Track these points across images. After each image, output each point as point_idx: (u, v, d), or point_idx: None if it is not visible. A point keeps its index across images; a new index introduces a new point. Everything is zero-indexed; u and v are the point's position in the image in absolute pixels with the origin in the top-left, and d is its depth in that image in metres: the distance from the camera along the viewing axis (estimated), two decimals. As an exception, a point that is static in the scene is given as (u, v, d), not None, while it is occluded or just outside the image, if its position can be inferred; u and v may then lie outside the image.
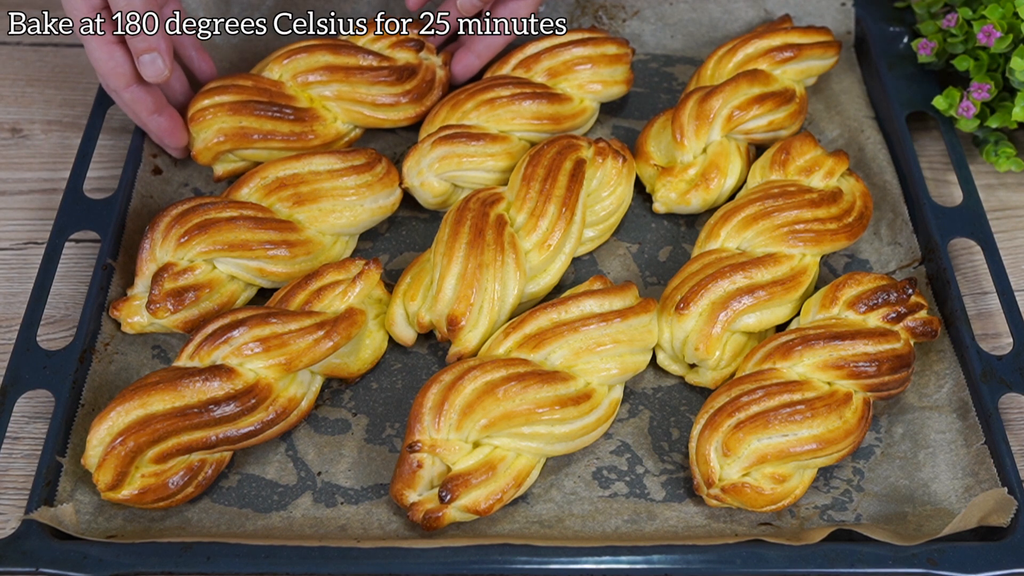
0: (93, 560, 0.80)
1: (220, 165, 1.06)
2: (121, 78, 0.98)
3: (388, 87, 1.06)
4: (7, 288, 1.02)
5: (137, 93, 0.99)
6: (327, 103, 1.06)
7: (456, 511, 0.83)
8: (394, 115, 1.08)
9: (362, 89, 1.06)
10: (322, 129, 1.06)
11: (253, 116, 1.03)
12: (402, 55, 1.08)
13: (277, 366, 0.87)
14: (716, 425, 0.85)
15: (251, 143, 1.03)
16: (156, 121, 1.02)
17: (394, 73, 1.06)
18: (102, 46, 0.96)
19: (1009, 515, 0.83)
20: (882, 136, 1.11)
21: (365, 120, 1.07)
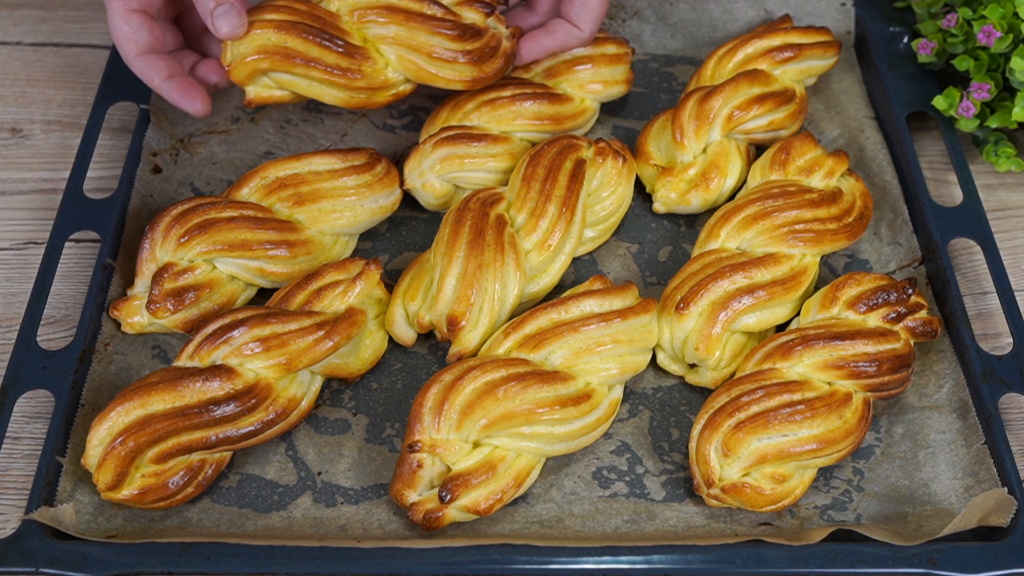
0: (93, 560, 0.80)
1: (254, 87, 0.98)
2: (133, 45, 0.96)
3: (448, 40, 0.98)
4: (7, 288, 1.02)
5: (149, 61, 0.97)
6: (381, 46, 0.98)
7: (456, 511, 0.83)
8: (449, 72, 0.99)
9: (421, 37, 0.98)
10: (370, 71, 0.98)
11: (300, 38, 0.95)
12: (469, 15, 1.00)
13: (277, 366, 0.87)
14: (716, 425, 0.85)
15: (292, 66, 0.96)
16: (169, 86, 0.98)
17: (457, 28, 0.98)
18: (121, 11, 0.96)
19: (1009, 515, 0.83)
20: (882, 136, 1.11)
21: (418, 72, 0.99)
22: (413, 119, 1.15)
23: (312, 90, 0.97)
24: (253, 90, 0.98)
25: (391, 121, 1.14)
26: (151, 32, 0.97)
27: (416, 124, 1.14)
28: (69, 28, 1.25)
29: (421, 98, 1.16)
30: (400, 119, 1.15)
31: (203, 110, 0.98)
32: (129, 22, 0.95)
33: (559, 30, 1.04)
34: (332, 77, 0.96)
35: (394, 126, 1.14)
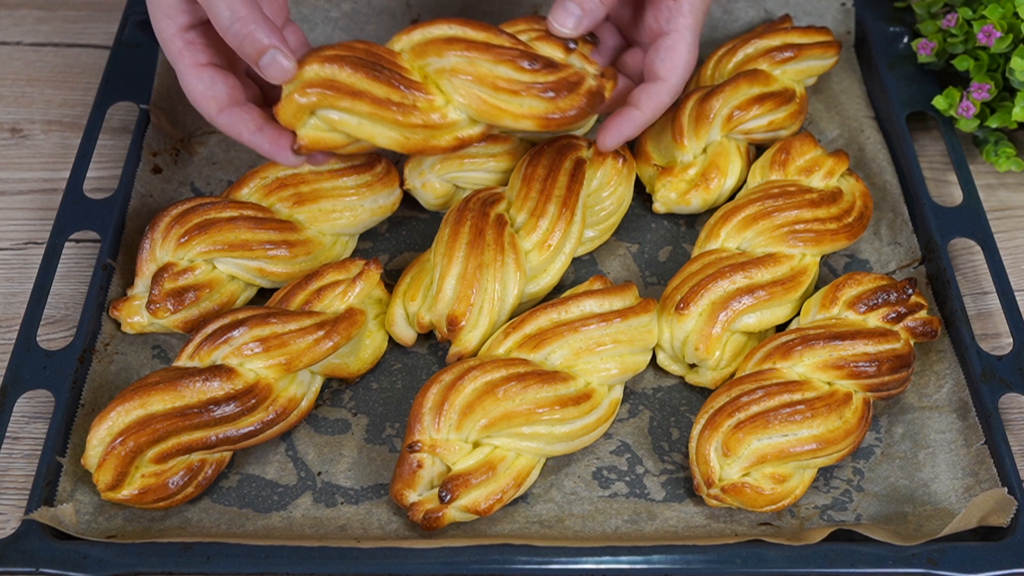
0: (93, 560, 0.80)
1: (304, 130, 0.86)
2: (212, 102, 0.87)
3: (516, 70, 0.84)
4: (7, 288, 1.02)
5: (234, 115, 0.88)
6: (441, 81, 0.85)
7: (456, 511, 0.83)
8: (516, 106, 0.84)
9: (484, 66, 0.84)
10: (427, 106, 0.84)
11: (349, 69, 0.83)
12: (547, 49, 0.88)
13: (277, 366, 0.87)
14: (716, 425, 0.85)
15: (338, 99, 0.83)
16: (260, 138, 0.88)
17: (527, 57, 0.84)
18: (191, 69, 0.87)
19: (1009, 515, 0.83)
20: (882, 136, 1.11)
21: (480, 108, 0.84)
22: (413, 119, 1.15)
23: (363, 129, 0.85)
24: (303, 132, 0.85)
25: (391, 121, 1.14)
26: (227, 83, 0.88)
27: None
28: (69, 28, 1.25)
29: (421, 98, 1.16)
30: (400, 119, 1.15)
31: (297, 160, 0.88)
32: (201, 78, 0.87)
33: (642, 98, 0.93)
34: (383, 111, 0.83)
35: (394, 126, 1.14)
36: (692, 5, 0.92)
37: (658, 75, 0.92)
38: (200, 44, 0.88)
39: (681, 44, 0.92)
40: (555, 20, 0.88)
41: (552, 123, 0.85)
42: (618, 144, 0.93)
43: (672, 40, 0.92)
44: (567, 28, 0.88)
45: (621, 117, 0.92)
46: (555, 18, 0.88)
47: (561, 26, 0.88)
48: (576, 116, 0.85)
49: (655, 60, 0.93)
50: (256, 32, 0.82)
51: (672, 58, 0.92)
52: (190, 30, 0.88)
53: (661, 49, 0.92)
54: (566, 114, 0.85)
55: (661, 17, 0.93)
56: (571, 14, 0.88)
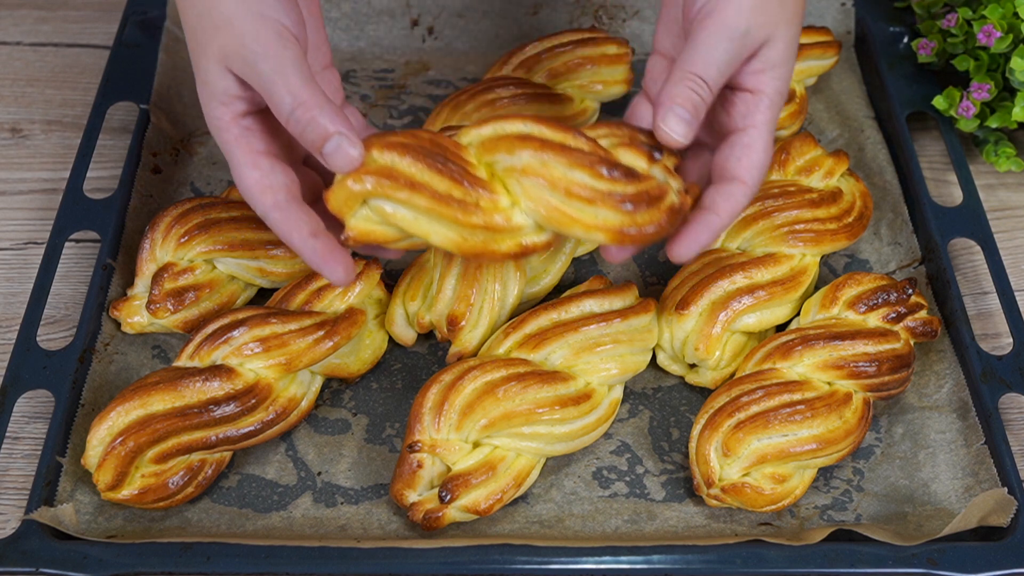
0: (93, 560, 0.80)
1: (354, 219, 0.77)
2: (268, 194, 0.78)
3: (592, 177, 0.75)
4: (7, 288, 1.02)
5: (289, 214, 0.79)
6: (509, 181, 0.76)
7: (456, 511, 0.83)
8: (590, 216, 0.75)
9: (557, 170, 0.75)
10: (490, 206, 0.76)
11: (410, 158, 0.75)
12: (628, 157, 0.78)
13: (277, 366, 0.87)
14: (716, 425, 0.85)
15: (395, 190, 0.75)
16: (312, 246, 0.79)
17: (606, 164, 0.76)
18: (247, 157, 0.79)
19: (1009, 515, 0.82)
20: (882, 136, 1.11)
21: (550, 214, 0.76)
22: (413, 119, 1.15)
23: (418, 225, 0.77)
24: (353, 223, 0.77)
25: (391, 121, 1.15)
26: (286, 175, 0.79)
27: (416, 124, 1.14)
28: (69, 28, 1.25)
29: (421, 98, 1.16)
30: (400, 119, 1.15)
31: (345, 279, 0.80)
32: (259, 166, 0.79)
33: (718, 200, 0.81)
34: (442, 207, 0.75)
35: (394, 126, 1.14)
36: (772, 100, 0.82)
37: (735, 175, 0.81)
38: (257, 132, 0.80)
39: (759, 141, 0.81)
40: (665, 126, 0.78)
41: (627, 238, 0.76)
42: (694, 255, 0.82)
43: (749, 137, 0.81)
44: (678, 135, 0.78)
45: (696, 223, 0.81)
46: (665, 123, 0.78)
47: (671, 131, 0.78)
48: (654, 233, 0.77)
49: (730, 158, 0.81)
50: (320, 117, 0.75)
51: (749, 156, 0.81)
52: (247, 116, 0.80)
53: (737, 146, 0.81)
54: (643, 230, 0.76)
55: (736, 112, 0.82)
56: (682, 119, 0.78)
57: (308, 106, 0.75)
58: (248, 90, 0.79)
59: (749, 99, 0.82)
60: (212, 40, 0.78)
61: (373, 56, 1.21)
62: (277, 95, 0.76)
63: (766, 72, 0.81)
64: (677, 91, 0.77)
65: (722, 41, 0.78)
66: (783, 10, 0.80)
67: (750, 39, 0.79)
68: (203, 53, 0.79)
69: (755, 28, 0.78)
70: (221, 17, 0.77)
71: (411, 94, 1.17)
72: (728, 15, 0.78)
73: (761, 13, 0.78)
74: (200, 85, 0.80)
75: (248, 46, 0.76)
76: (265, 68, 0.76)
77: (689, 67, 0.78)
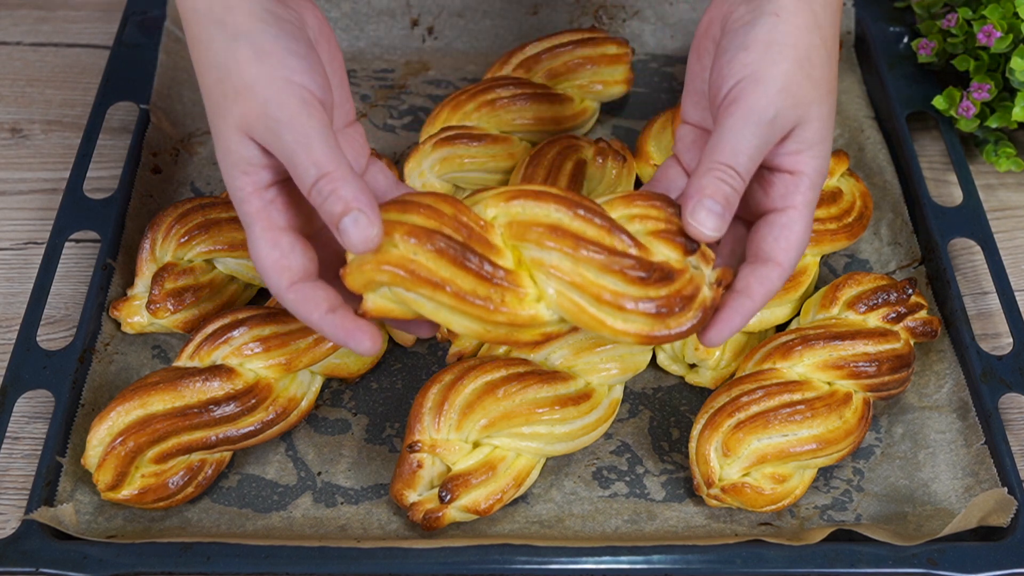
0: (93, 560, 0.80)
1: (372, 297, 0.75)
2: (285, 274, 0.75)
3: (626, 283, 0.73)
4: (7, 288, 1.02)
5: (305, 292, 0.76)
6: (538, 273, 0.74)
7: (456, 511, 0.83)
8: (619, 322, 0.74)
9: (590, 272, 0.73)
10: (516, 304, 0.73)
11: (431, 251, 0.72)
12: (663, 250, 0.75)
13: (277, 366, 0.87)
14: (716, 425, 0.85)
15: (416, 285, 0.73)
16: (331, 322, 0.76)
17: (642, 267, 0.73)
18: (266, 234, 0.75)
19: (1009, 515, 0.82)
20: (882, 136, 1.11)
21: (578, 315, 0.74)
22: (413, 119, 1.15)
23: (439, 315, 0.74)
24: (372, 300, 0.75)
25: (391, 121, 1.15)
26: (305, 254, 0.76)
27: (416, 124, 1.14)
28: (69, 28, 1.25)
29: (421, 98, 1.16)
30: (400, 119, 1.15)
31: (372, 349, 0.76)
32: (278, 245, 0.75)
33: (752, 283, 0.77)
34: (465, 305, 0.73)
35: (394, 126, 1.14)
36: (812, 181, 0.78)
37: (770, 257, 0.77)
38: (279, 204, 0.77)
39: (799, 223, 0.77)
40: (695, 221, 0.74)
41: (655, 340, 0.74)
42: (724, 341, 0.78)
43: (788, 218, 0.77)
44: (709, 230, 0.74)
45: (729, 308, 0.77)
46: (695, 218, 0.74)
47: (702, 226, 0.74)
48: (683, 334, 0.74)
49: (767, 238, 0.77)
50: (342, 189, 0.71)
51: (788, 238, 0.77)
52: (270, 188, 0.76)
53: (775, 226, 0.77)
54: (672, 332, 0.74)
55: (774, 192, 0.78)
56: (712, 213, 0.74)
57: (331, 178, 0.72)
58: (270, 158, 0.75)
59: (788, 180, 0.78)
60: (233, 106, 0.74)
61: (373, 56, 1.21)
62: (301, 166, 0.72)
63: (803, 153, 0.77)
64: (707, 182, 0.74)
65: (750, 127, 0.74)
66: (815, 89, 0.76)
67: (780, 122, 0.75)
68: (223, 119, 0.75)
69: (785, 111, 0.75)
70: (243, 82, 0.73)
71: (411, 94, 1.17)
72: (755, 100, 0.74)
73: (790, 96, 0.75)
74: (220, 152, 0.76)
75: (271, 114, 0.72)
76: (289, 138, 0.72)
77: (718, 157, 0.74)
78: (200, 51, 0.76)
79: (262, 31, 0.74)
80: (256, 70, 0.73)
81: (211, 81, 0.76)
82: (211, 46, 0.75)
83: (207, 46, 0.75)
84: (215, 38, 0.75)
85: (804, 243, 0.78)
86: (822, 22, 0.78)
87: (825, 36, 0.77)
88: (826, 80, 0.77)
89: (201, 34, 0.76)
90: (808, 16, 0.77)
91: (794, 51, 0.76)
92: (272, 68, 0.73)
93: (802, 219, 0.78)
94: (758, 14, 0.77)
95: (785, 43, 0.76)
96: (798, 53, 0.76)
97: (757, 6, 0.77)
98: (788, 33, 0.76)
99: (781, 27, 0.76)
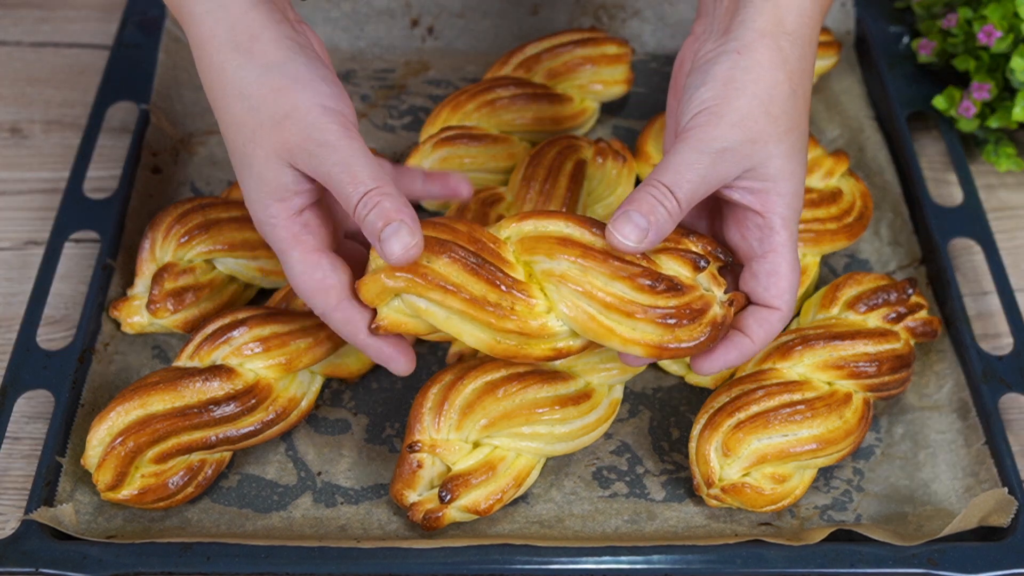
0: (93, 560, 0.80)
1: (386, 309, 0.78)
2: (332, 293, 0.78)
3: (633, 290, 0.74)
4: (7, 288, 1.02)
5: (352, 312, 0.78)
6: (548, 285, 0.76)
7: (456, 511, 0.83)
8: (627, 330, 0.75)
9: (598, 280, 0.75)
10: (525, 312, 0.75)
11: (445, 258, 0.75)
12: (672, 265, 0.77)
13: (277, 366, 0.87)
14: (716, 425, 0.85)
15: (428, 290, 0.75)
16: (377, 341, 0.79)
17: (649, 276, 0.74)
18: (303, 257, 0.78)
19: (1009, 515, 0.83)
20: (882, 136, 1.11)
21: (586, 324, 0.75)
22: (413, 119, 1.15)
23: (451, 324, 0.77)
24: (385, 313, 0.77)
25: (391, 121, 1.15)
26: (345, 272, 0.79)
27: (416, 124, 1.14)
28: (69, 28, 1.25)
29: (421, 98, 1.16)
30: (400, 119, 1.15)
31: (406, 369, 0.81)
32: (320, 267, 0.78)
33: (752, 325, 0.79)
34: (475, 311, 0.75)
35: (394, 126, 1.14)
36: (784, 219, 0.78)
37: (767, 303, 0.79)
38: (313, 227, 0.79)
39: (783, 266, 0.78)
40: (615, 228, 0.74)
41: (666, 352, 0.75)
42: (717, 372, 0.80)
43: (771, 264, 0.78)
44: (627, 239, 0.74)
45: (728, 343, 0.78)
46: (615, 226, 0.74)
47: (619, 234, 0.74)
48: (694, 348, 0.75)
49: (757, 288, 0.79)
50: (385, 202, 0.73)
51: (777, 284, 0.78)
52: (304, 212, 0.78)
53: (761, 275, 0.79)
54: (682, 345, 0.75)
55: (751, 237, 0.79)
56: (637, 227, 0.74)
57: (375, 193, 0.73)
58: (307, 183, 0.77)
59: (761, 223, 0.78)
60: (271, 135, 0.75)
61: (373, 56, 1.21)
62: (346, 185, 0.74)
63: (769, 193, 0.77)
64: (640, 196, 0.74)
65: (694, 153, 0.75)
66: (773, 126, 0.76)
67: (732, 156, 0.75)
68: (259, 147, 0.76)
69: (738, 145, 0.75)
70: (281, 111, 0.75)
71: (411, 94, 1.17)
72: (706, 132, 0.75)
73: (744, 130, 0.75)
74: (252, 179, 0.77)
75: (315, 139, 0.74)
76: (333, 160, 0.74)
77: (659, 177, 0.75)
78: (222, 79, 0.77)
79: (292, 60, 0.77)
80: (295, 99, 0.76)
81: (240, 111, 0.77)
82: (238, 75, 0.76)
83: (231, 75, 0.77)
84: (243, 67, 0.76)
85: (795, 282, 0.79)
86: (789, 57, 0.77)
87: (792, 72, 0.77)
88: (788, 117, 0.77)
89: (224, 63, 0.77)
90: (773, 53, 0.77)
91: (753, 87, 0.76)
92: (310, 96, 0.76)
93: (785, 261, 0.78)
94: (721, 51, 0.78)
95: (744, 80, 0.76)
96: (757, 89, 0.76)
97: (723, 43, 0.78)
98: (748, 69, 0.76)
99: (742, 63, 0.77)
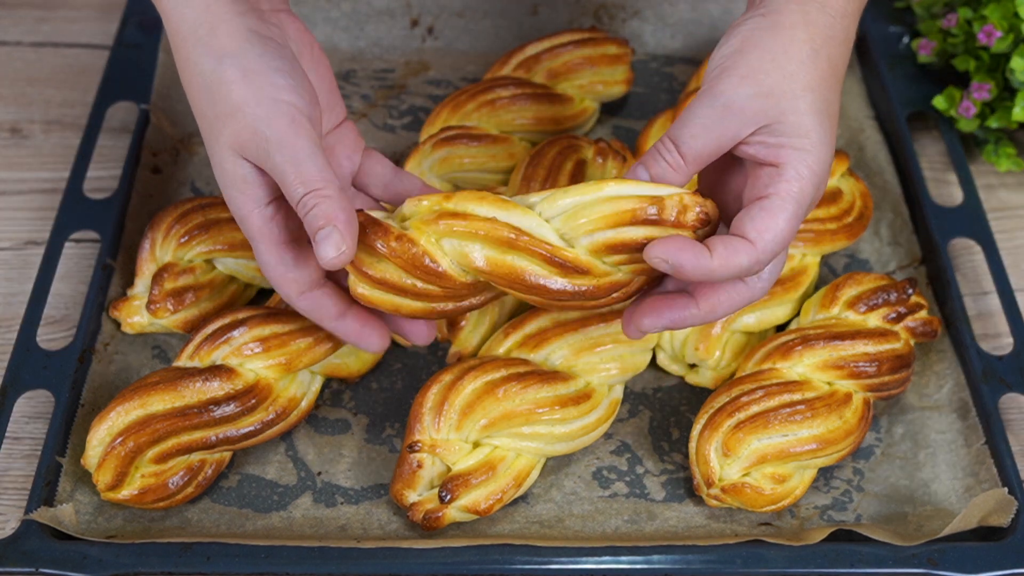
0: (93, 560, 0.80)
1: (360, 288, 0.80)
2: (294, 285, 0.80)
3: None
4: (7, 288, 1.02)
5: (315, 300, 0.82)
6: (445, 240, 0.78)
7: (456, 511, 0.83)
8: None
9: None
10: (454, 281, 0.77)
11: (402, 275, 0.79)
12: None
13: (277, 366, 0.87)
14: (716, 425, 0.85)
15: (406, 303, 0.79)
16: (344, 326, 0.83)
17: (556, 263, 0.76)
18: (271, 249, 0.79)
19: (1009, 515, 0.82)
20: (882, 136, 1.11)
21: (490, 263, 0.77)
22: (413, 119, 1.15)
23: None
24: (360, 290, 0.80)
25: (391, 121, 1.15)
26: (309, 264, 0.81)
27: (416, 124, 1.14)
28: (69, 28, 1.25)
29: (421, 98, 1.16)
30: (400, 119, 1.15)
31: (380, 346, 0.84)
32: (284, 259, 0.80)
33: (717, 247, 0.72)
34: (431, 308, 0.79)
35: (394, 126, 1.14)
36: (797, 172, 0.74)
37: (743, 233, 0.73)
38: (279, 219, 0.79)
39: (780, 210, 0.73)
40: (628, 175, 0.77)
41: None
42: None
43: (770, 202, 0.73)
44: None
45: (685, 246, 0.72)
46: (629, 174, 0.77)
47: None
48: None
49: (743, 219, 0.74)
50: (324, 204, 0.74)
51: (764, 219, 0.73)
52: (269, 204, 0.79)
53: (753, 208, 0.74)
54: None
55: (759, 183, 0.75)
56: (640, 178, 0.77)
57: (316, 194, 0.74)
58: (265, 176, 0.77)
59: (772, 171, 0.75)
60: (224, 127, 0.76)
61: (373, 56, 1.21)
62: (290, 183, 0.74)
63: (784, 147, 0.74)
64: (648, 153, 0.76)
65: (703, 108, 0.75)
66: (787, 82, 0.75)
67: (743, 109, 0.74)
68: (216, 140, 0.77)
69: (748, 99, 0.74)
70: (231, 103, 0.75)
71: (411, 94, 1.17)
72: (715, 85, 0.75)
73: (755, 84, 0.74)
74: (216, 171, 0.78)
75: (261, 133, 0.74)
76: (278, 156, 0.74)
77: (668, 133, 0.76)
78: (189, 73, 0.78)
79: (247, 51, 0.76)
80: (244, 90, 0.75)
81: (202, 103, 0.77)
82: (198, 67, 0.77)
83: (194, 68, 0.77)
84: (202, 59, 0.77)
85: (783, 231, 0.73)
86: (816, 21, 0.77)
87: (815, 34, 0.77)
88: (806, 74, 0.76)
89: (189, 55, 0.78)
90: (797, 16, 0.77)
91: (768, 43, 0.76)
92: (259, 88, 0.75)
93: (783, 208, 0.73)
94: (748, 17, 0.78)
95: (761, 36, 0.76)
96: (772, 44, 0.76)
97: (753, 11, 0.79)
98: (767, 29, 0.77)
99: (764, 24, 0.77)
